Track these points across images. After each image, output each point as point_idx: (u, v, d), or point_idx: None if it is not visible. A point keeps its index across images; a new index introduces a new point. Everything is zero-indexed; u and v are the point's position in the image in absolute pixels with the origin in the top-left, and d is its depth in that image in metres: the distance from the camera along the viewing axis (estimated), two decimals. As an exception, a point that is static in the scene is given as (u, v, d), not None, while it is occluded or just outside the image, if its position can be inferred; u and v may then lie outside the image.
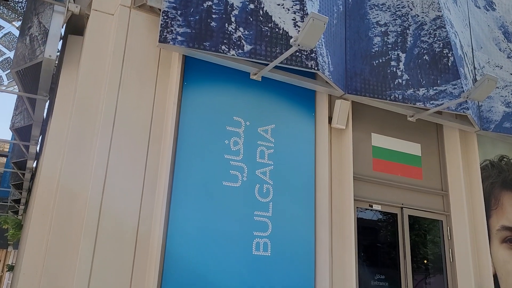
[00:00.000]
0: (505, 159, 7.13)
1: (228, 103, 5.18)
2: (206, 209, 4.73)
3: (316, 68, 5.18)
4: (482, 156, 6.86)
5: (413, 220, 6.18)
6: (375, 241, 5.96)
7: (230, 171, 4.98)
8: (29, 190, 11.02)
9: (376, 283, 5.68)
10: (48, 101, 6.69)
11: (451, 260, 6.25)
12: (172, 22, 4.74)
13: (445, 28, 6.09)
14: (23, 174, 10.17)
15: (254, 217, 4.99)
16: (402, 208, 6.13)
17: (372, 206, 5.92)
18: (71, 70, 5.24)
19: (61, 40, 5.91)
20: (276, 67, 5.21)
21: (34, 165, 9.29)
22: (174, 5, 4.81)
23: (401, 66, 5.97)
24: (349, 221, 5.44)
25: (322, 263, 5.15)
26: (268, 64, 5.02)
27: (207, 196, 4.79)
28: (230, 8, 5.03)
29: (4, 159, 17.56)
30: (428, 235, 6.41)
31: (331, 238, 5.39)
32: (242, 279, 4.72)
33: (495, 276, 6.33)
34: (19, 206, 14.38)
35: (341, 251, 5.41)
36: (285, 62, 5.04)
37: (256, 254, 4.88)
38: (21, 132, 7.90)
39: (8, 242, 19.76)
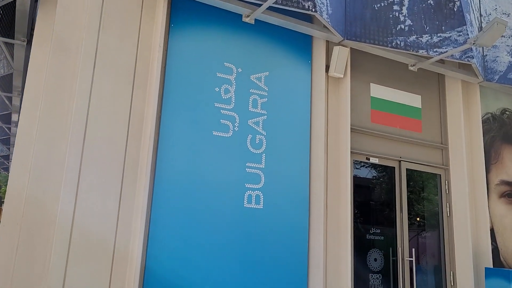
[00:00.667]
0: (507, 112, 6.88)
1: (219, 48, 4.83)
2: (195, 160, 4.48)
3: (313, 10, 4.80)
4: (484, 109, 6.61)
5: (409, 177, 5.99)
6: (371, 196, 5.78)
7: (221, 120, 4.70)
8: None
9: (372, 237, 5.55)
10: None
11: (448, 215, 6.12)
12: (157, -44, 4.31)
13: (452, -31, 5.67)
14: (9, 129, 9.85)
15: (246, 169, 4.76)
16: (400, 161, 5.92)
17: (369, 159, 5.70)
18: (48, 11, 4.83)
19: (38, -21, 5.45)
20: (270, 8, 4.83)
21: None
22: None
23: (404, 10, 5.59)
24: (345, 173, 5.22)
25: (316, 216, 4.98)
26: (262, 5, 4.64)
27: (196, 147, 4.53)
28: None
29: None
30: (423, 192, 6.25)
31: (326, 191, 5.20)
32: (233, 232, 4.54)
33: (492, 231, 6.22)
34: (8, 163, 14.12)
35: (336, 205, 5.23)
36: (280, 2, 4.66)
37: (248, 207, 4.68)
38: (3, 82, 7.52)
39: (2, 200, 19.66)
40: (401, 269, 5.52)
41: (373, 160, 5.73)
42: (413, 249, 5.63)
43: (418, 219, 6.06)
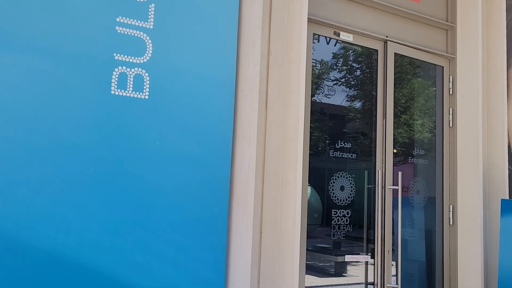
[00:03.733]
0: (538, -16, 4.82)
1: None
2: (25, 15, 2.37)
3: None
4: (508, -24, 4.53)
5: (398, 68, 4.01)
6: (338, 92, 3.80)
7: None
8: None
9: (338, 155, 3.64)
10: None
11: (451, 125, 4.23)
12: None
13: None
14: None
15: (117, 28, 2.67)
16: (386, 42, 3.89)
17: (338, 35, 3.65)
18: None
19: None
20: None
21: None
22: None
23: None
24: (298, 51, 3.19)
25: (245, 117, 3.01)
26: None
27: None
28: None
29: None
30: (415, 92, 4.30)
31: (267, 80, 3.19)
32: (88, 147, 2.54)
33: (509, 149, 4.38)
34: None
35: (280, 99, 3.25)
36: None
37: (118, 94, 2.64)
38: None
39: None
40: (380, 201, 3.68)
41: (346, 37, 3.68)
42: (399, 173, 3.76)
43: (406, 130, 4.17)
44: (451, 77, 4.27)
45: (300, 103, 3.13)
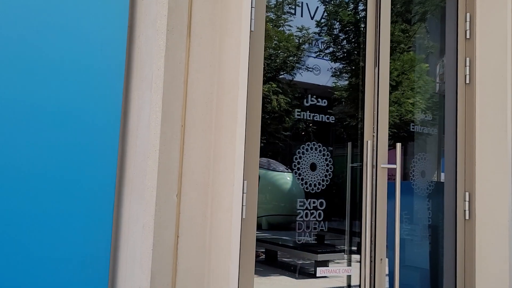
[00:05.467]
0: None
1: None
2: None
3: None
4: None
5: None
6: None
7: None
8: None
9: (307, 116, 2.46)
10: None
11: (467, 81, 3.06)
12: None
13: None
14: None
15: None
16: (378, -44, 2.69)
17: None
18: None
19: None
20: None
21: None
22: None
23: None
24: None
25: (144, 52, 1.80)
26: None
27: None
28: None
29: None
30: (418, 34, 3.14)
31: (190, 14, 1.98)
32: None
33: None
34: None
35: (213, 25, 2.04)
36: None
37: None
38: None
39: None
40: (369, 186, 2.49)
41: None
42: (398, 145, 2.57)
43: (405, 88, 3.00)
44: (468, 14, 3.08)
45: (244, 24, 1.92)
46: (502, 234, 2.84)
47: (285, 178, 3.37)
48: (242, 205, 2.05)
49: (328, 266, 2.98)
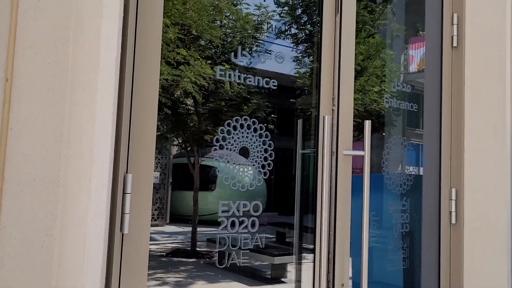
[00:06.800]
0: None
1: None
2: None
3: None
4: None
5: None
6: None
7: None
8: None
9: (236, 78, 1.68)
10: None
11: (454, 44, 2.36)
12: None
13: None
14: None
15: None
16: None
17: None
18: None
19: None
20: None
21: None
22: None
23: None
24: None
25: None
26: None
27: None
28: None
29: None
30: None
31: None
32: None
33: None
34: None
35: None
36: None
37: None
38: None
39: None
40: (325, 179, 1.74)
41: None
42: (367, 124, 1.83)
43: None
44: (456, -43, 2.38)
45: None
46: (498, 243, 2.16)
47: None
48: (124, 213, 1.27)
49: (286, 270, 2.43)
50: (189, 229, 3.60)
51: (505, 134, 2.17)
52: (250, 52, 2.15)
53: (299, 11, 2.93)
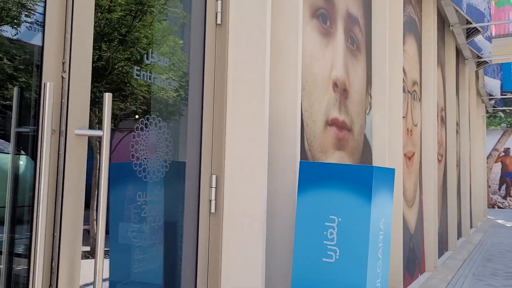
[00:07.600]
0: None
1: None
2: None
3: None
4: None
5: None
6: None
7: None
8: None
9: None
10: None
11: (218, 21, 2.21)
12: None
13: None
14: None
15: None
16: None
17: None
18: None
19: None
20: None
21: None
22: None
23: None
24: None
25: None
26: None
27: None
28: None
29: None
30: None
31: None
32: None
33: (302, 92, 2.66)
34: None
35: None
36: None
37: None
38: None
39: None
40: (45, 168, 1.33)
41: None
42: (108, 96, 1.48)
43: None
44: None
45: None
46: (255, 231, 2.10)
47: None
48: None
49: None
50: None
51: (263, 118, 2.11)
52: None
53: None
